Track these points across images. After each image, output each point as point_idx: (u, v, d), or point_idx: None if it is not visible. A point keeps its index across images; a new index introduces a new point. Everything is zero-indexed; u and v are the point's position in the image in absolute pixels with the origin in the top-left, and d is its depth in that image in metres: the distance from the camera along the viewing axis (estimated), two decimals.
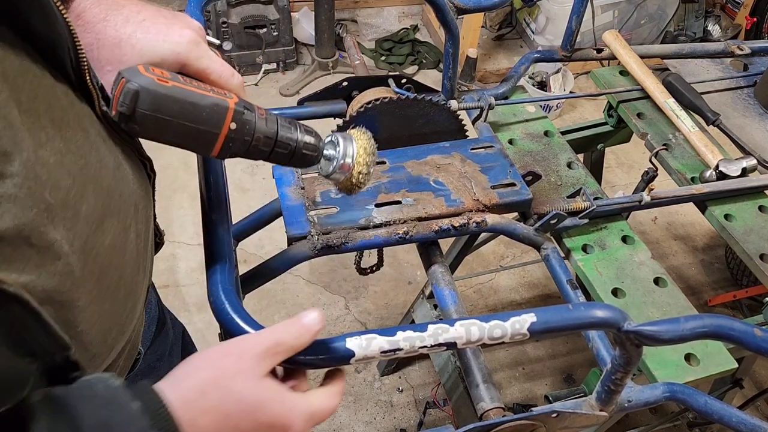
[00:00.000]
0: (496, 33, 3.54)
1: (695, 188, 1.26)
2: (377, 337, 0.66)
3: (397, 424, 2.07)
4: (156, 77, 0.61)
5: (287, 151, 0.71)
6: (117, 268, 0.61)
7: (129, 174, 0.66)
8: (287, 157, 0.72)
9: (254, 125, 0.68)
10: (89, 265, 0.55)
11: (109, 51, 0.65)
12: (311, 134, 0.73)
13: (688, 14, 3.48)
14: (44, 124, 0.51)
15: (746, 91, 1.56)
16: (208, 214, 0.88)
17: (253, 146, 0.68)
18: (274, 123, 0.70)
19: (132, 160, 0.68)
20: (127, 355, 0.70)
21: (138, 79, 0.60)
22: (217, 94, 0.65)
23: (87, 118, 0.59)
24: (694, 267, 2.62)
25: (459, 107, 1.31)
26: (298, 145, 0.71)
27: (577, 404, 0.90)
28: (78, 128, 0.56)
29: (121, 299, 0.63)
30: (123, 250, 0.63)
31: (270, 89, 3.19)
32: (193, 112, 0.63)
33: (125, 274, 0.64)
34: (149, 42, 0.65)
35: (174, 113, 0.62)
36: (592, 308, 0.71)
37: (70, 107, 0.57)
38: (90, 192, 0.56)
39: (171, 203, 2.59)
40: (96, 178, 0.58)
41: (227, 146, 0.67)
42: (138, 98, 0.60)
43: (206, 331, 2.17)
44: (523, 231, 1.12)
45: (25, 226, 0.46)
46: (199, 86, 0.65)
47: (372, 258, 1.36)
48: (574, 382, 2.22)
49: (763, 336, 0.71)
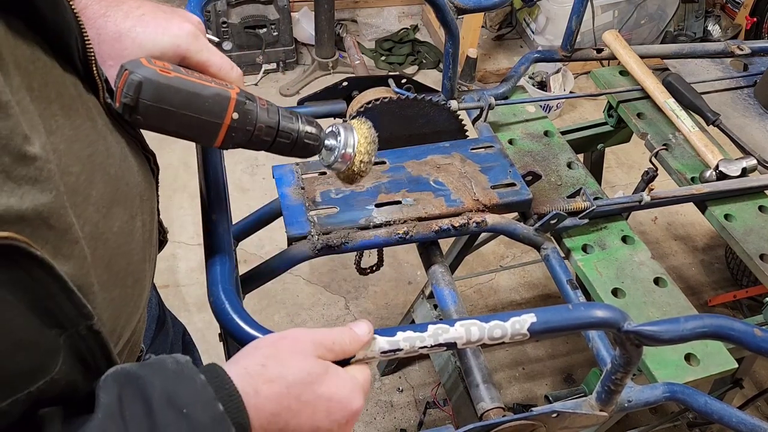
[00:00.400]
0: (496, 33, 3.54)
1: (695, 188, 1.26)
2: (377, 338, 0.67)
3: (397, 424, 2.07)
4: (158, 68, 0.62)
5: (289, 140, 0.72)
6: (125, 255, 0.62)
7: (134, 165, 0.67)
8: (289, 147, 0.73)
9: (256, 115, 0.68)
10: (99, 250, 0.56)
11: (109, 45, 0.66)
12: (312, 124, 0.74)
13: (688, 14, 3.49)
14: (54, 111, 0.52)
15: (746, 91, 1.56)
16: (208, 214, 0.88)
17: (255, 136, 0.69)
18: (275, 113, 0.71)
19: (136, 153, 0.69)
20: (129, 351, 0.71)
21: (141, 71, 0.61)
22: (219, 85, 0.66)
23: (94, 108, 0.60)
24: (694, 267, 2.62)
25: (459, 107, 1.31)
26: (300, 135, 0.72)
27: (577, 404, 0.90)
28: (86, 117, 0.58)
29: (129, 286, 0.64)
30: (130, 237, 0.64)
31: (270, 89, 3.19)
32: (195, 102, 0.64)
33: (133, 261, 0.65)
34: (149, 35, 0.66)
35: (177, 103, 0.63)
36: (592, 308, 0.71)
37: (78, 97, 0.58)
38: (98, 179, 0.57)
39: (171, 203, 2.59)
40: (104, 166, 0.59)
41: (230, 136, 0.67)
42: (141, 89, 0.61)
43: (206, 331, 2.17)
44: (523, 231, 1.12)
45: (45, 207, 0.47)
46: (200, 77, 0.66)
47: (372, 258, 1.36)
48: (574, 382, 2.22)
49: (763, 336, 0.71)
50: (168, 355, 0.57)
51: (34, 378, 0.49)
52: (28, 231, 0.46)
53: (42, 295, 0.48)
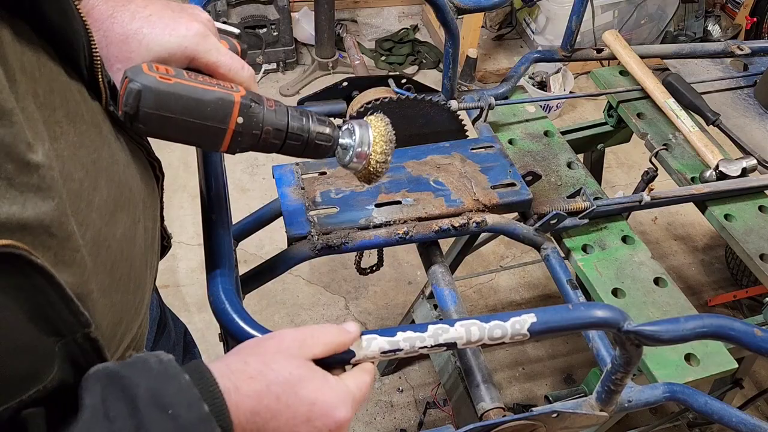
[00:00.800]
0: (496, 33, 3.54)
1: (695, 188, 1.26)
2: (377, 338, 0.66)
3: (397, 424, 2.07)
4: (158, 75, 0.61)
5: (299, 142, 0.70)
6: (127, 259, 0.62)
7: (138, 172, 0.67)
8: (300, 149, 0.71)
9: (263, 118, 0.67)
10: (101, 256, 0.56)
11: (117, 48, 0.65)
12: (324, 123, 0.71)
13: (688, 14, 3.48)
14: (59, 118, 0.52)
15: (746, 91, 1.56)
16: (208, 214, 0.88)
17: (263, 139, 0.68)
18: (284, 114, 0.69)
19: (140, 160, 0.69)
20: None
21: (140, 79, 0.60)
22: (222, 89, 0.65)
23: (99, 115, 0.60)
24: (694, 267, 2.62)
25: (459, 107, 1.31)
26: (311, 136, 0.70)
27: (577, 404, 0.90)
28: (91, 123, 0.57)
29: (130, 292, 0.64)
30: (132, 242, 0.63)
31: (270, 89, 3.19)
32: (197, 108, 0.63)
33: (135, 266, 0.64)
34: (156, 37, 0.65)
35: (178, 110, 0.62)
36: (592, 308, 0.71)
37: (84, 103, 0.57)
38: (102, 184, 0.57)
39: (171, 203, 2.59)
40: (108, 172, 0.58)
41: (236, 141, 0.66)
42: (141, 98, 0.60)
43: (206, 331, 2.17)
44: (523, 231, 1.12)
45: (46, 215, 0.47)
46: (204, 81, 0.64)
47: (372, 258, 1.36)
48: (574, 382, 2.22)
49: (763, 336, 0.71)
50: (152, 353, 0.56)
51: (27, 386, 0.48)
52: (29, 239, 0.45)
53: (41, 302, 0.47)
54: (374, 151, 0.74)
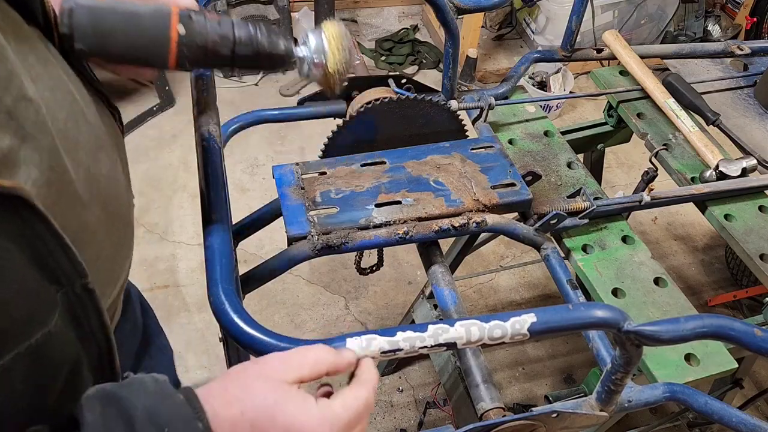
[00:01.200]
0: (496, 33, 3.54)
1: (695, 188, 1.26)
2: (377, 338, 0.66)
3: (397, 424, 2.07)
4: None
5: (250, 51, 0.68)
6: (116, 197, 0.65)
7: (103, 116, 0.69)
8: (253, 59, 0.69)
9: (205, 27, 0.66)
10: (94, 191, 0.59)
11: None
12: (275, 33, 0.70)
13: (688, 14, 3.49)
14: (32, 62, 0.54)
15: (746, 91, 1.56)
16: (208, 214, 0.88)
17: (211, 51, 0.66)
18: (228, 24, 0.67)
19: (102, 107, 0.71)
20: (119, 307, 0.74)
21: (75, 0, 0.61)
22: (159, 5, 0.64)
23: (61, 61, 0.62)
24: (694, 267, 2.62)
25: (459, 107, 1.31)
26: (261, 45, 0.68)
27: (577, 404, 0.90)
28: (59, 68, 0.59)
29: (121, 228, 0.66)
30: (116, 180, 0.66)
31: (270, 89, 3.19)
32: (133, 20, 0.62)
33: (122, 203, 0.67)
34: None
35: (115, 25, 0.62)
36: (592, 308, 0.71)
37: (47, 50, 0.59)
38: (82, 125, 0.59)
39: (171, 203, 2.58)
40: (84, 114, 0.61)
41: (182, 53, 0.65)
42: (73, 14, 0.60)
43: (206, 331, 2.17)
44: (523, 231, 1.12)
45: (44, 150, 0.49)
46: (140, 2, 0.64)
47: (372, 258, 1.36)
48: (574, 382, 2.22)
49: (763, 336, 0.71)
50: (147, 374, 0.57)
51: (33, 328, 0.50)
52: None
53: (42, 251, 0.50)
54: (331, 54, 0.73)
